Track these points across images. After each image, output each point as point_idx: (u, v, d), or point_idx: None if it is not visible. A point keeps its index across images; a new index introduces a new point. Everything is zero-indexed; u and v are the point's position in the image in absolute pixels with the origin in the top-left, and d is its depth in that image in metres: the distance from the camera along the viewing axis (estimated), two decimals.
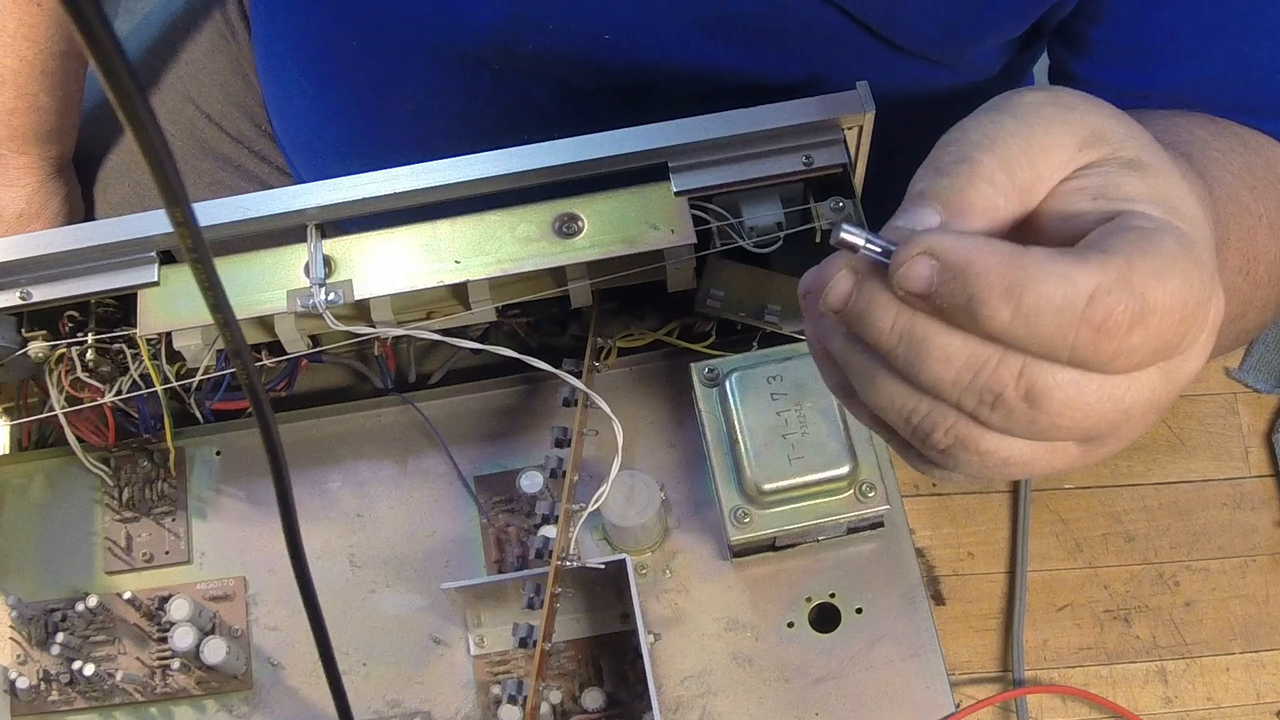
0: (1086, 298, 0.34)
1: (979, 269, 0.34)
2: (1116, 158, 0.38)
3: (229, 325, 0.34)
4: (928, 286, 0.35)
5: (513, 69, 0.72)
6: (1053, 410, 0.36)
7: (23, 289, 0.63)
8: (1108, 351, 0.34)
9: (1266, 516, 0.79)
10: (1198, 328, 0.36)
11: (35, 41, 0.82)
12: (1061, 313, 0.34)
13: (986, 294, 0.34)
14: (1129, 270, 0.34)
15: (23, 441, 0.70)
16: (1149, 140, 0.39)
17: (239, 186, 0.93)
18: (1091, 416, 0.36)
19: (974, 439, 0.37)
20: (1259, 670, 0.75)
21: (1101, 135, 0.38)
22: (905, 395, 0.38)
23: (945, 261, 0.35)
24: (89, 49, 0.25)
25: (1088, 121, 0.38)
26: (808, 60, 0.70)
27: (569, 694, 0.63)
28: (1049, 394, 0.35)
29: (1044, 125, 0.38)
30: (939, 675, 0.61)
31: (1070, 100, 0.38)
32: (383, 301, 0.63)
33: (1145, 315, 0.34)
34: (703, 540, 0.65)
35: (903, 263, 0.35)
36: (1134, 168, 0.37)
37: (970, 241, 0.35)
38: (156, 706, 0.63)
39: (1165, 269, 0.34)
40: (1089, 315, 0.34)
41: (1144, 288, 0.34)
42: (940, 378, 0.36)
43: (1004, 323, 0.34)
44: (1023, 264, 0.34)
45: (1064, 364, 0.35)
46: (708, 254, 0.65)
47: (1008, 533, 0.78)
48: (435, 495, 0.67)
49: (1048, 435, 0.37)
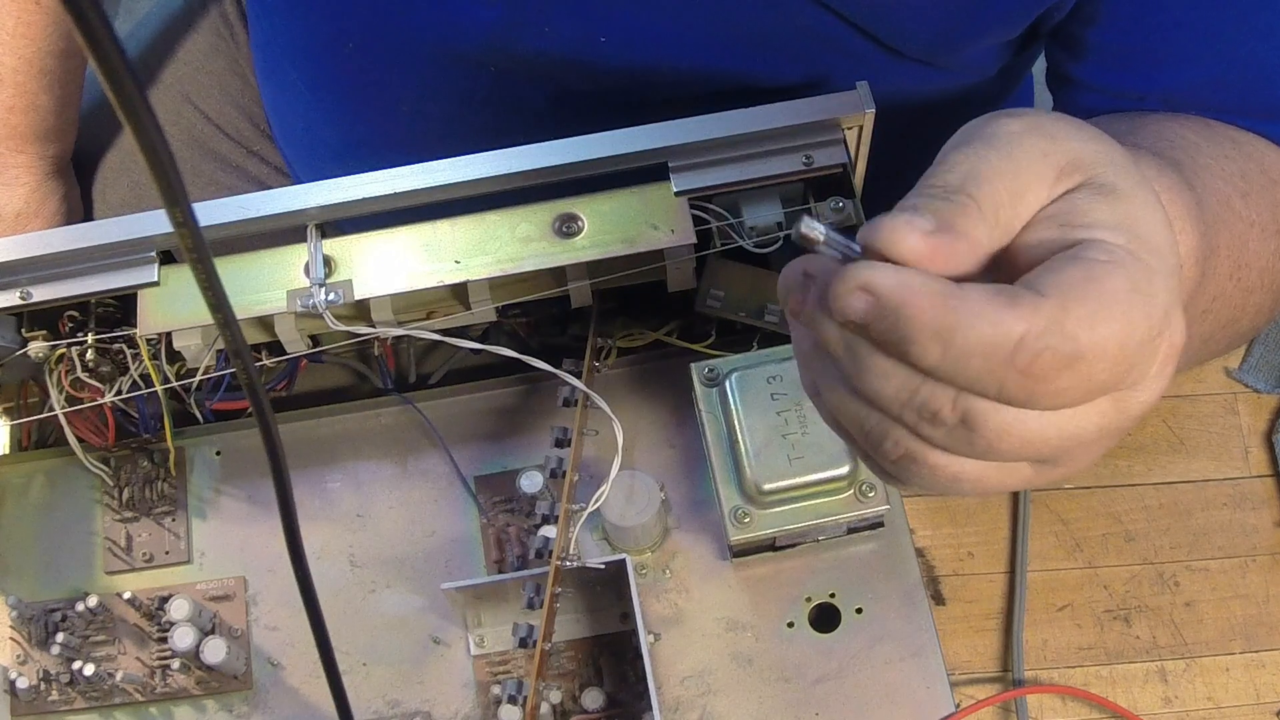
0: (1014, 343, 0.34)
1: (912, 310, 0.34)
2: (1090, 183, 0.37)
3: (229, 325, 0.34)
4: (864, 319, 0.35)
5: (510, 71, 0.72)
6: (989, 435, 0.36)
7: (23, 289, 0.63)
8: (1037, 393, 0.35)
9: (1266, 516, 0.79)
10: (1143, 364, 0.36)
11: (34, 40, 0.82)
12: (989, 356, 0.34)
13: (917, 334, 0.34)
14: (1062, 314, 0.34)
15: (23, 441, 0.70)
16: (1126, 164, 0.38)
17: (238, 187, 0.93)
18: (1033, 444, 0.36)
19: (920, 452, 0.38)
20: (1259, 670, 0.75)
21: (1078, 162, 0.38)
22: (857, 405, 0.38)
23: (880, 299, 0.35)
24: (89, 48, 0.25)
25: (1067, 148, 0.38)
26: (805, 64, 0.70)
27: (569, 694, 0.63)
28: (984, 420, 0.36)
29: (1028, 161, 0.37)
30: (939, 675, 0.61)
31: (1051, 129, 0.38)
32: (383, 301, 0.63)
33: (1076, 360, 0.34)
34: (703, 540, 0.65)
35: (840, 295, 0.35)
36: (1104, 193, 0.37)
37: (907, 279, 0.35)
38: (156, 706, 0.63)
39: (1102, 312, 0.34)
40: (1016, 359, 0.34)
41: (1076, 332, 0.34)
42: (879, 392, 0.36)
43: (934, 361, 0.35)
44: (954, 306, 0.34)
45: (995, 400, 0.35)
46: (708, 254, 0.65)
47: (1008, 533, 0.78)
48: (435, 495, 0.67)
49: (989, 457, 0.37)
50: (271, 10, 0.81)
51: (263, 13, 0.82)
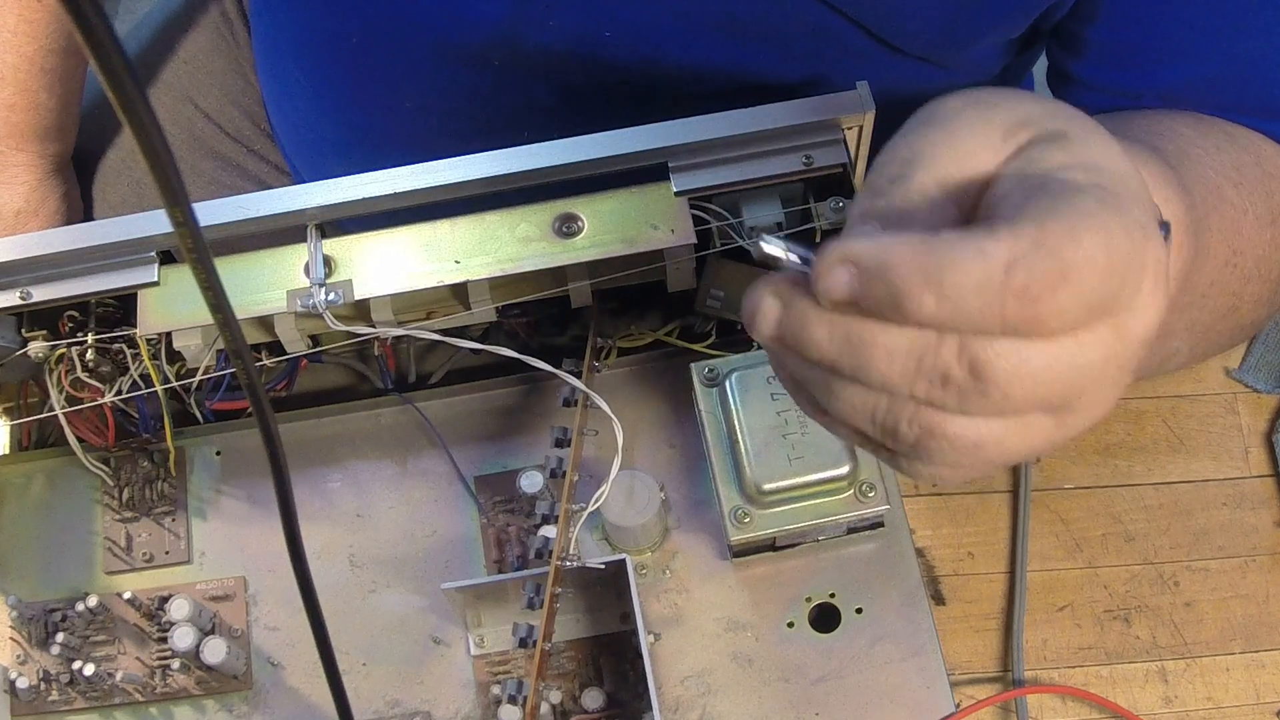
0: (1004, 268, 0.34)
1: (894, 262, 0.34)
2: (1040, 136, 0.38)
3: (229, 325, 0.34)
4: (851, 292, 0.35)
5: (514, 66, 0.72)
6: (1001, 380, 0.35)
7: (23, 289, 0.63)
8: (1039, 316, 0.34)
9: (1266, 516, 0.79)
10: (1135, 277, 0.36)
11: (35, 38, 0.82)
12: (983, 288, 0.34)
13: (907, 286, 0.34)
14: (1041, 234, 0.34)
15: (23, 441, 0.70)
16: (1072, 113, 0.39)
17: (238, 186, 0.93)
18: (1044, 383, 0.36)
19: (938, 424, 0.37)
20: (1259, 670, 0.75)
21: (1024, 120, 0.38)
22: (863, 396, 0.38)
23: (862, 264, 0.35)
24: (89, 48, 0.25)
25: (1009, 111, 0.38)
26: (808, 61, 0.70)
27: (569, 694, 0.63)
28: (993, 365, 0.35)
29: (967, 127, 0.38)
30: (939, 675, 0.61)
31: (989, 98, 0.39)
32: (383, 301, 0.63)
33: (1067, 274, 0.34)
34: (703, 540, 0.65)
35: (822, 274, 0.35)
36: (1055, 139, 0.38)
37: (883, 239, 0.35)
38: (156, 706, 0.63)
39: (1079, 225, 0.34)
40: (1010, 284, 0.34)
41: (1059, 247, 0.34)
42: (887, 373, 0.36)
43: (931, 309, 0.35)
44: (935, 249, 0.34)
45: (1001, 335, 0.35)
46: (708, 254, 0.65)
47: (1008, 533, 0.78)
48: (435, 495, 0.67)
49: (1005, 409, 0.37)
50: (274, 6, 0.81)
51: (265, 9, 0.82)
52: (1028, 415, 0.37)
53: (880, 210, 0.38)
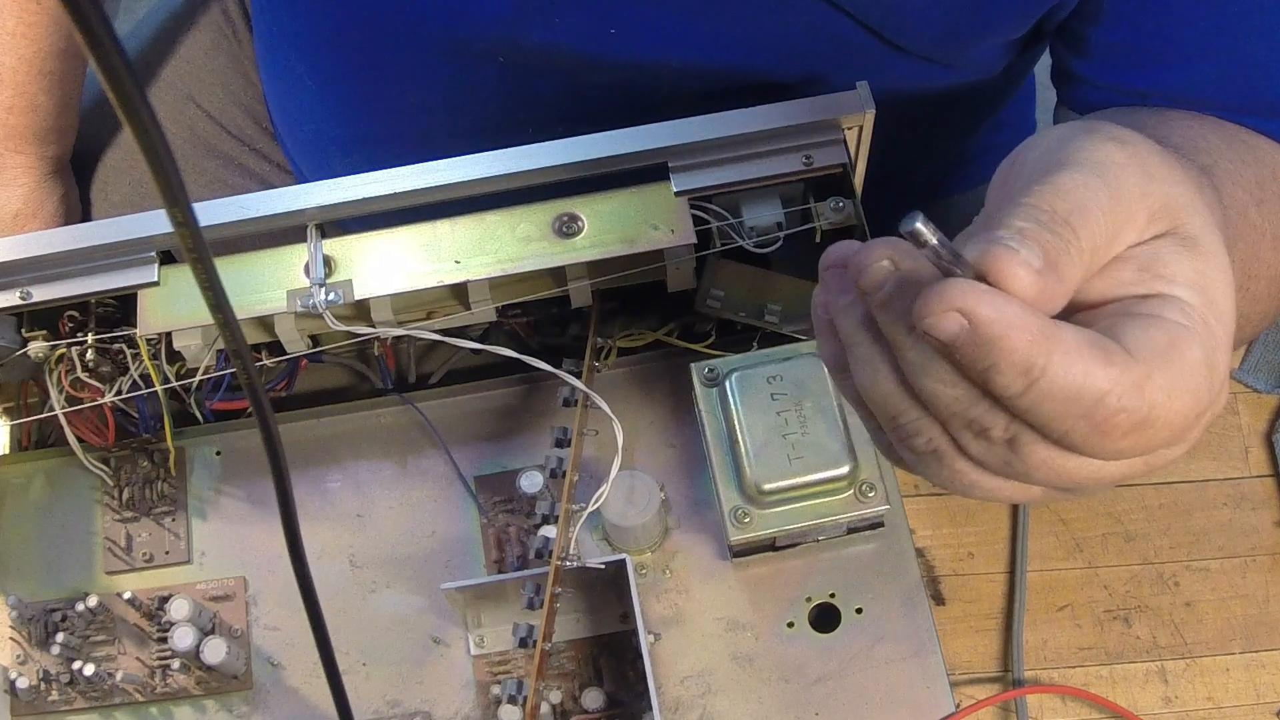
0: (1098, 397, 0.34)
1: (1008, 345, 0.34)
2: (1174, 233, 0.38)
3: (229, 325, 0.34)
4: (952, 342, 0.35)
5: (518, 63, 0.72)
6: (1031, 464, 0.37)
7: (23, 289, 0.63)
8: (1099, 446, 0.35)
9: (1266, 516, 0.79)
10: (1191, 435, 0.37)
11: (34, 40, 0.82)
12: (1069, 403, 0.35)
13: (1006, 366, 0.34)
14: (1146, 380, 0.35)
15: (23, 441, 0.70)
16: (1207, 215, 0.39)
17: (240, 185, 0.93)
18: (1066, 480, 0.37)
19: (950, 457, 0.38)
20: (1259, 670, 0.75)
21: (1169, 208, 0.38)
22: (899, 397, 0.38)
23: (977, 327, 0.34)
24: (89, 48, 0.25)
25: (1162, 192, 0.38)
26: (810, 59, 0.70)
27: (569, 694, 0.63)
28: (1032, 451, 0.36)
29: (1128, 202, 0.37)
30: (939, 675, 0.61)
31: (1150, 165, 0.38)
32: (383, 301, 0.63)
33: (1145, 426, 0.35)
34: (703, 540, 0.65)
35: (931, 312, 0.35)
36: (1187, 246, 0.38)
37: (1006, 312, 0.34)
38: (156, 706, 0.63)
39: (1179, 386, 0.35)
40: (1093, 414, 0.35)
41: (1153, 401, 0.35)
42: (934, 393, 0.36)
43: (1013, 394, 0.35)
44: (1049, 348, 0.34)
45: (1055, 442, 0.36)
46: (708, 254, 0.65)
47: (1008, 533, 0.78)
48: (435, 495, 0.67)
49: (1018, 479, 0.38)
50: (277, 4, 0.80)
51: (268, 6, 0.82)
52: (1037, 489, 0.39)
53: (1047, 245, 0.36)
